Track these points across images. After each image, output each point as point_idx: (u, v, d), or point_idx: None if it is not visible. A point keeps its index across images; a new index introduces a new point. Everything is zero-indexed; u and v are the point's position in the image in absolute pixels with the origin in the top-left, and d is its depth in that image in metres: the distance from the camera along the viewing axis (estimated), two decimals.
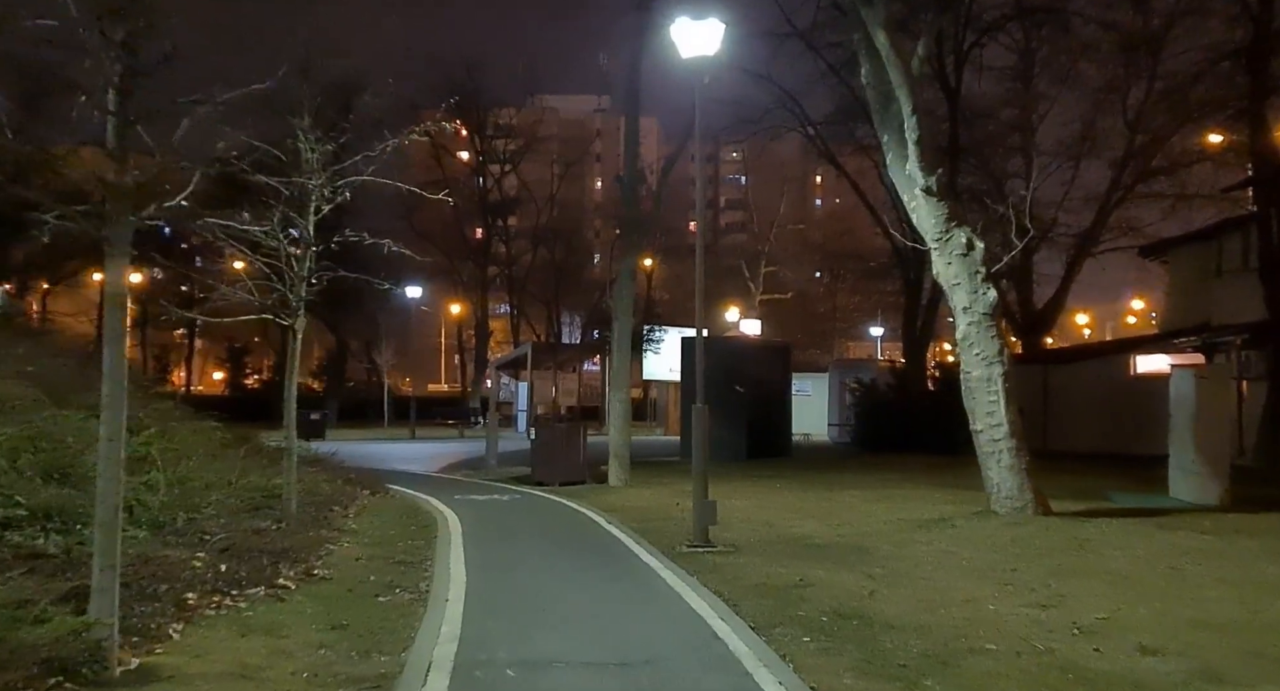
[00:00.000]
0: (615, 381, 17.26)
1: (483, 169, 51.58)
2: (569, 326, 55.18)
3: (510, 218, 54.73)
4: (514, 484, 17.30)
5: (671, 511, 13.57)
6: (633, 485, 16.77)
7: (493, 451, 19.96)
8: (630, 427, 17.27)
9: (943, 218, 11.83)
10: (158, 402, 14.58)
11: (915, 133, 11.32)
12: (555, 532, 11.54)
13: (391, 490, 15.56)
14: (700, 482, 10.67)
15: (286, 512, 9.57)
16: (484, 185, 50.98)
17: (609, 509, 13.68)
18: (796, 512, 13.42)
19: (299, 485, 11.89)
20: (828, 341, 55.89)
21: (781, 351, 25.88)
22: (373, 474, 17.94)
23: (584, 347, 46.79)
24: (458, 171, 51.52)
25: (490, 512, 13.27)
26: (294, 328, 9.47)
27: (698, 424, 10.87)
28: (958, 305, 12.03)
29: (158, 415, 13.49)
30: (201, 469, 10.85)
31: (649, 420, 44.61)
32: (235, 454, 11.58)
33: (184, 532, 7.79)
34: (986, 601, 7.72)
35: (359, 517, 11.97)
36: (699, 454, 10.78)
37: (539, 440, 17.00)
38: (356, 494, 14.04)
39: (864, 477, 18.48)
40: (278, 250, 9.12)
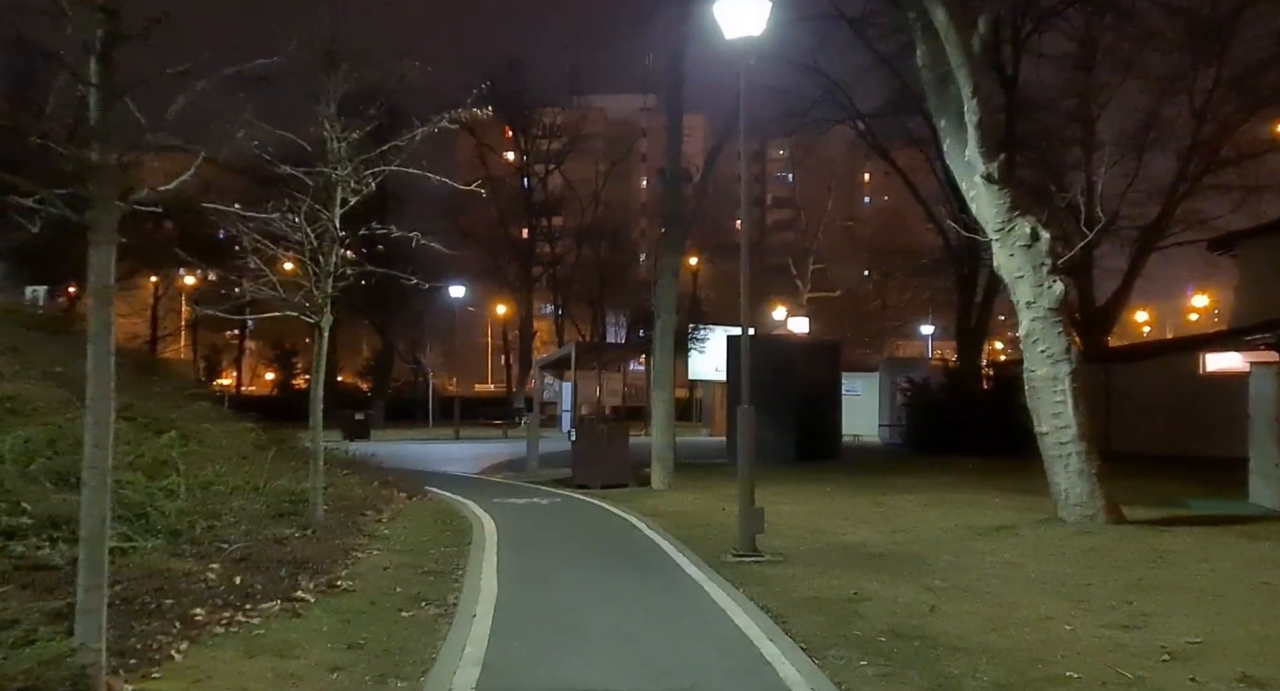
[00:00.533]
0: (658, 381, 16.71)
1: (527, 168, 51.35)
2: (614, 326, 54.77)
3: (555, 217, 54.47)
4: (555, 486, 16.83)
5: (716, 517, 13.00)
6: (676, 488, 16.22)
7: (533, 453, 19.52)
8: (674, 429, 16.72)
9: (1004, 207, 11.11)
10: (195, 403, 14.32)
11: (975, 115, 10.63)
12: (593, 539, 11.03)
13: (429, 493, 15.17)
14: (746, 488, 10.09)
15: (313, 519, 9.16)
16: (528, 185, 50.74)
17: (651, 514, 13.15)
18: (848, 518, 12.78)
19: (331, 489, 11.53)
20: (877, 340, 54.81)
21: (831, 350, 25.16)
22: (412, 476, 17.59)
23: (629, 347, 46.32)
24: (502, 171, 51.34)
25: (528, 517, 12.81)
26: (320, 326, 9.06)
27: (744, 426, 10.29)
28: (1021, 300, 11.30)
29: (193, 416, 13.25)
30: (230, 472, 10.51)
31: (694, 420, 43.99)
32: (268, 456, 11.21)
33: (201, 541, 7.40)
34: (1061, 620, 7.06)
35: (392, 523, 11.56)
36: (745, 457, 10.20)
37: (580, 442, 16.51)
38: (392, 497, 13.66)
39: (918, 481, 17.75)
40: (303, 245, 8.71)
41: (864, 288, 58.39)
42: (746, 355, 10.76)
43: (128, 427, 10.46)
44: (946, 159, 12.16)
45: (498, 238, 49.74)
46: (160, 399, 13.60)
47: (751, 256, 42.14)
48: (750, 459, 10.22)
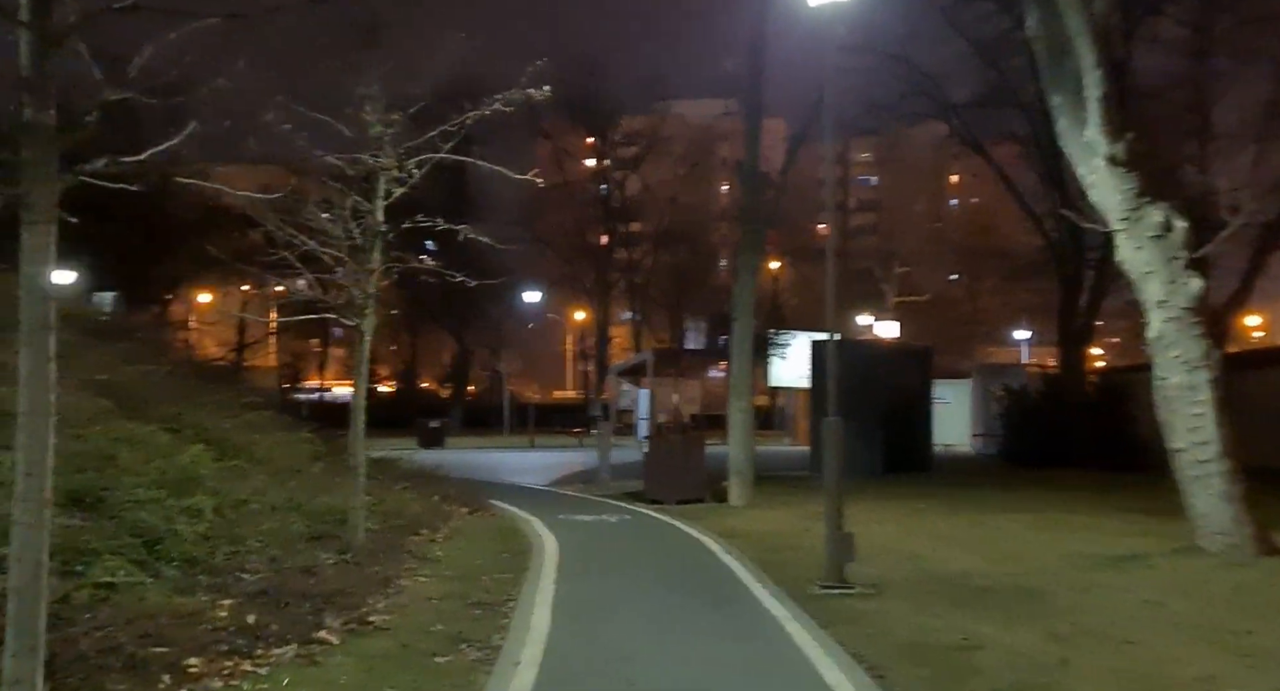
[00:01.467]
0: (735, 388, 15.61)
1: (604, 171, 50.69)
2: (693, 332, 53.70)
3: (633, 223, 53.68)
4: (626, 501, 15.86)
5: (800, 538, 11.86)
6: (756, 505, 15.10)
7: (604, 464, 18.59)
8: (753, 440, 15.60)
9: (1131, 192, 9.76)
10: (251, 413, 13.73)
11: (1099, 88, 9.33)
12: (663, 565, 10.00)
13: (493, 507, 14.33)
14: (834, 510, 8.97)
15: (353, 542, 8.33)
16: (606, 189, 50.05)
17: (728, 534, 12.07)
18: (947, 542, 11.52)
19: (383, 506, 10.75)
20: (966, 346, 52.50)
21: (921, 356, 23.72)
22: (477, 488, 16.82)
23: (708, 353, 45.15)
24: (579, 175, 50.78)
25: (594, 537, 11.84)
26: (360, 328, 8.24)
27: (830, 440, 9.17)
28: (1150, 298, 9.93)
29: (246, 427, 12.63)
30: (272, 488, 9.79)
31: (776, 428, 42.64)
32: (314, 470, 10.47)
33: (221, 570, 6.61)
34: (1225, 681, 5.80)
35: (447, 542, 10.71)
36: (832, 476, 9.08)
37: (652, 454, 15.51)
38: (452, 513, 12.85)
39: (1021, 497, 16.30)
40: (341, 240, 7.91)
41: (952, 292, 56.21)
42: (833, 362, 9.65)
43: (169, 440, 9.83)
44: (1060, 142, 10.82)
45: (575, 244, 49.17)
46: (214, 408, 13.03)
47: (837, 261, 40.65)
48: (838, 477, 9.10)
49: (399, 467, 16.83)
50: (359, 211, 8.11)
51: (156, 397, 11.65)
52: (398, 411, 41.83)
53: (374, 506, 10.49)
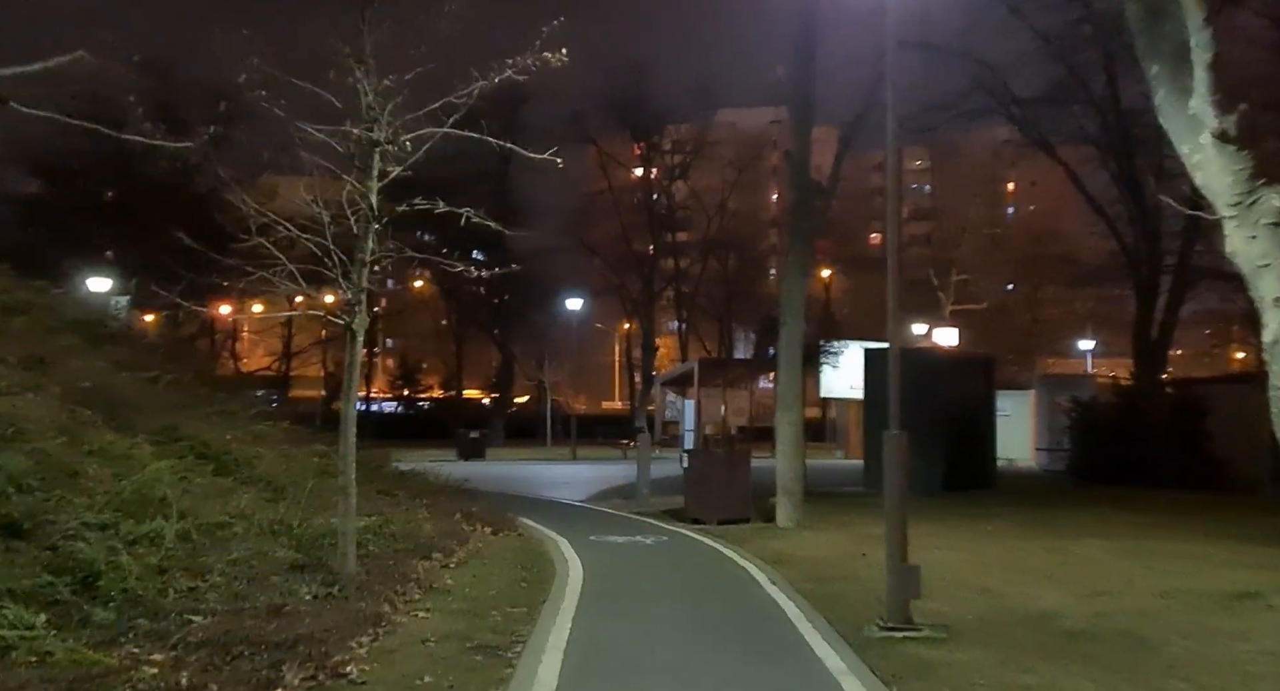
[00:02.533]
0: (783, 399, 14.39)
1: (654, 182, 49.67)
2: (742, 342, 52.43)
3: (680, 233, 52.59)
4: (665, 519, 14.71)
5: (855, 565, 10.63)
6: (806, 526, 13.85)
7: (644, 479, 17.44)
8: (803, 454, 14.35)
9: (1244, 174, 8.28)
10: (261, 424, 12.84)
11: (1206, 52, 7.89)
12: (700, 599, 8.82)
13: (520, 526, 13.26)
14: (897, 537, 7.75)
15: (342, 571, 7.28)
16: (653, 195, 49.01)
17: (775, 560, 10.86)
18: (1024, 572, 10.21)
19: (390, 527, 9.72)
20: (1026, 357, 50.50)
21: (983, 365, 22.26)
22: (507, 504, 15.81)
23: (756, 364, 43.75)
24: (625, 181, 49.85)
25: (625, 563, 10.71)
26: (352, 327, 7.22)
27: (892, 458, 7.96)
28: (1266, 296, 8.41)
29: (253, 438, 11.75)
30: (265, 507, 8.82)
31: (827, 440, 41.15)
32: (306, 488, 9.48)
33: (167, 612, 5.58)
34: None
35: (461, 568, 9.65)
36: (895, 497, 7.86)
37: (693, 469, 14.33)
38: (472, 533, 11.79)
39: (1100, 520, 14.86)
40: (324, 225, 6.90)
41: (1010, 301, 54.27)
42: (895, 371, 8.45)
43: (153, 454, 8.91)
44: (1160, 117, 9.41)
45: (621, 252, 48.22)
46: (220, 419, 12.17)
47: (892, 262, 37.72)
48: (901, 499, 7.87)
49: (426, 482, 15.90)
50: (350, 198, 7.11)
51: (154, 407, 10.80)
52: (441, 422, 41.16)
53: (380, 527, 9.49)
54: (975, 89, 24.33)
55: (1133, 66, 21.11)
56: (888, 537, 7.79)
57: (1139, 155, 23.73)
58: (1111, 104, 23.81)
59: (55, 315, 12.57)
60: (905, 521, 7.79)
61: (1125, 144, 23.53)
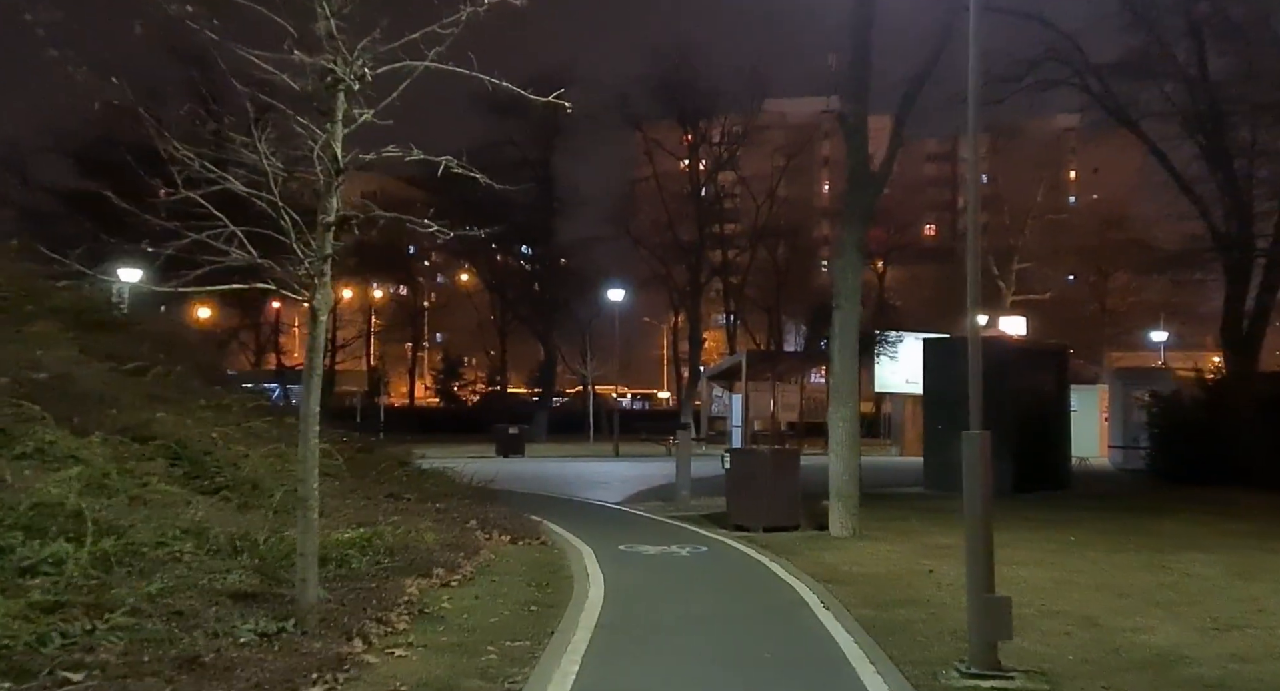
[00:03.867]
0: (837, 392, 12.86)
1: (698, 166, 48.15)
2: (792, 336, 50.79)
3: (729, 224, 51.02)
4: (705, 525, 13.29)
5: (921, 584, 9.15)
6: (863, 535, 12.34)
7: (684, 480, 16.02)
8: (859, 453, 12.82)
9: None
10: (259, 419, 11.69)
11: None
12: (739, 630, 7.40)
13: (544, 533, 11.94)
14: (981, 563, 6.27)
15: (300, 602, 5.98)
16: (698, 179, 47.46)
17: (829, 577, 9.41)
18: (1125, 596, 8.64)
19: (383, 540, 8.46)
20: (1092, 349, 48.12)
21: (1055, 356, 20.50)
22: (534, 506, 14.52)
23: (807, 356, 42.17)
24: (671, 168, 48.41)
25: (655, 579, 9.32)
26: (312, 305, 5.93)
27: (973, 462, 6.47)
28: None
29: (247, 435, 10.61)
30: (230, 518, 7.59)
31: (881, 436, 39.39)
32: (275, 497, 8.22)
33: (32, 669, 4.30)
34: None
35: (464, 587, 8.35)
36: (976, 512, 6.38)
37: (736, 470, 12.87)
38: (486, 542, 10.50)
39: (1201, 529, 13.19)
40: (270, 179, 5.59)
41: (1075, 291, 51.80)
42: (977, 361, 6.97)
43: (108, 455, 7.74)
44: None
45: (667, 241, 46.84)
46: (215, 415, 11.05)
47: (945, 263, 37.14)
48: (984, 516, 6.39)
49: (448, 482, 14.65)
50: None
51: (130, 401, 9.66)
52: (484, 417, 40.14)
53: (369, 540, 8.21)
54: (1047, 58, 22.42)
55: (1223, 33, 19.21)
56: (969, 562, 6.32)
57: (1229, 130, 21.78)
58: (1199, 74, 21.85)
59: (38, 302, 11.51)
60: (991, 542, 6.31)
61: (1214, 118, 21.54)
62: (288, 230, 5.68)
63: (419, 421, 47.64)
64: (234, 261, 5.81)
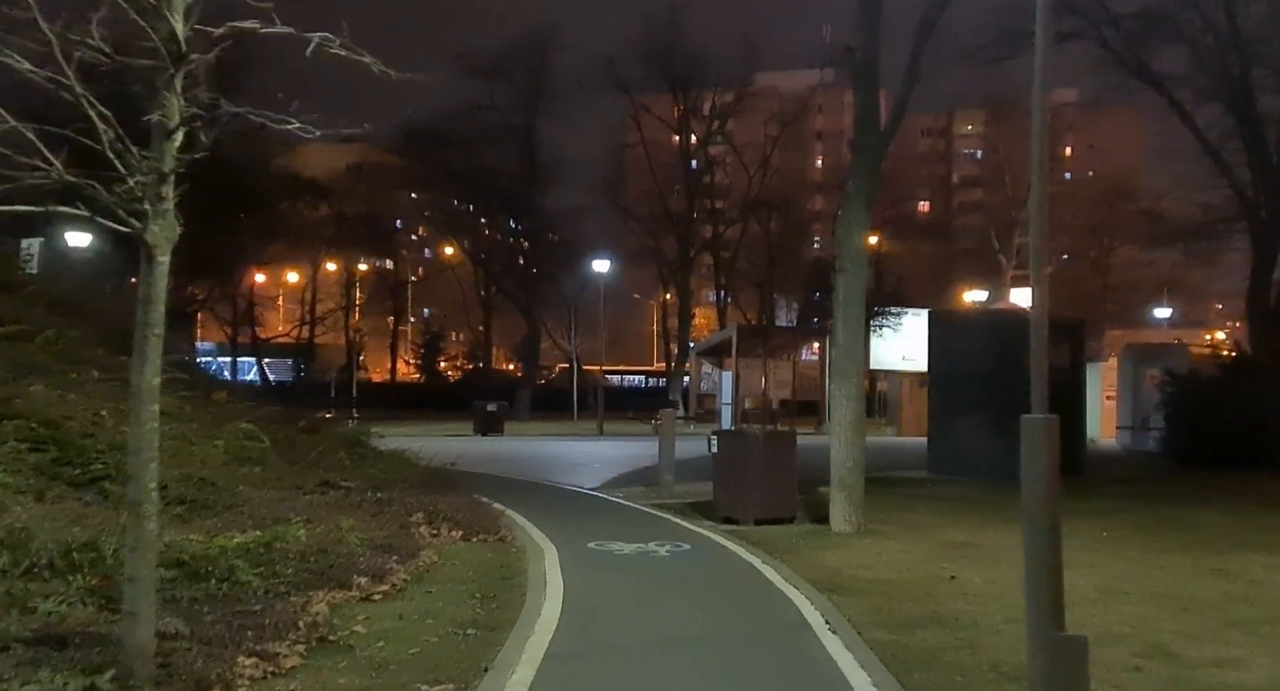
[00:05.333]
0: (839, 367, 11.32)
1: (689, 137, 46.38)
2: (784, 312, 49.29)
3: (719, 190, 49.32)
4: (690, 517, 11.81)
5: (943, 594, 7.67)
6: (868, 529, 10.85)
7: (668, 464, 14.51)
8: (863, 438, 11.30)
9: None
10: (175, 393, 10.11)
11: None
12: (725, 661, 5.90)
13: (505, 526, 10.42)
14: (1047, 590, 4.78)
15: (127, 642, 4.42)
16: (689, 151, 45.73)
17: (832, 584, 7.93)
18: (1189, 609, 7.19)
19: (299, 542, 6.94)
20: (1094, 326, 46.83)
21: (1071, 330, 19.00)
22: (501, 492, 13.03)
23: (800, 331, 40.67)
24: (660, 135, 46.66)
25: (625, 589, 7.80)
26: (147, 241, 4.37)
27: (1037, 455, 4.98)
28: None
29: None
30: (91, 519, 6.06)
31: (876, 415, 37.98)
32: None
33: None
34: None
35: (389, 601, 6.84)
36: (1041, 523, 4.89)
37: (724, 455, 11.35)
38: (433, 541, 9.00)
39: (1243, 521, 11.79)
40: None
41: (1075, 267, 50.36)
42: (1041, 341, 5.48)
43: None
44: None
45: (656, 213, 45.18)
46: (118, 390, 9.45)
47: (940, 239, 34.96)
48: (1051, 524, 4.90)
49: (405, 465, 13.10)
50: None
51: None
52: (467, 394, 38.56)
53: (267, 544, 6.68)
54: (1062, 9, 20.77)
55: None
56: (1031, 586, 4.83)
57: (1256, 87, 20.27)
58: (1226, 27, 20.27)
59: None
60: (1059, 562, 4.82)
61: (1243, 75, 20.00)
62: (101, 135, 4.09)
63: (399, 398, 46.10)
64: (41, 180, 4.23)
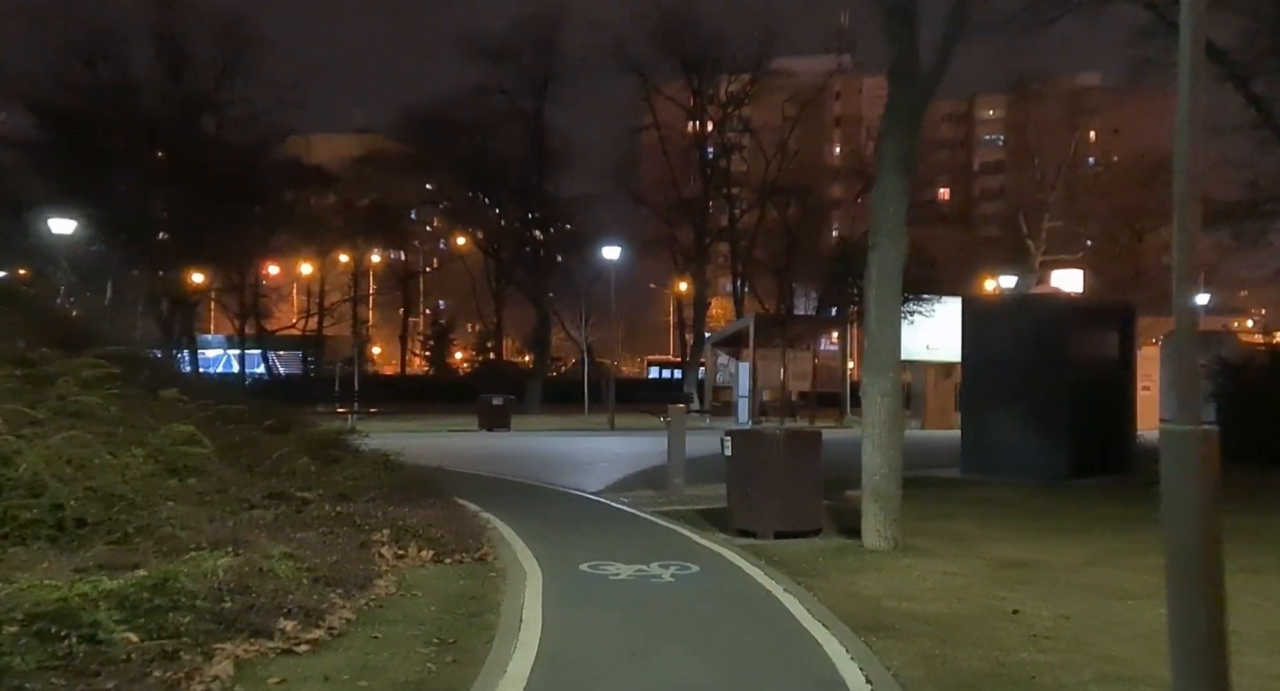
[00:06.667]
0: (872, 359, 9.83)
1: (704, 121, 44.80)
2: (802, 302, 47.79)
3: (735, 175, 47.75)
4: (701, 527, 10.39)
5: (1009, 637, 6.21)
6: (907, 546, 9.40)
7: (677, 465, 13.08)
8: (901, 439, 9.82)
9: None
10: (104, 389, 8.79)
11: None
12: None
13: (487, 541, 9.03)
14: (1207, 656, 3.32)
15: None
16: (705, 133, 44.19)
17: (871, 621, 6.49)
18: None
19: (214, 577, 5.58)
20: None
21: (1120, 315, 17.47)
22: (491, 497, 11.67)
23: (820, 321, 39.17)
24: (675, 120, 45.13)
25: (616, 630, 6.37)
26: None
27: (1187, 473, 3.54)
28: None
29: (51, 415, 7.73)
30: None
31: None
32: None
33: None
34: None
35: (321, 652, 5.45)
36: (1198, 563, 3.43)
37: (739, 458, 9.89)
38: (397, 565, 7.63)
39: None
40: None
41: (1104, 253, 48.56)
42: (1191, 341, 3.98)
43: None
44: None
45: (671, 200, 43.72)
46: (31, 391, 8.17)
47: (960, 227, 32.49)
48: (1212, 564, 3.44)
49: (380, 470, 11.71)
50: None
51: None
52: (477, 386, 37.24)
53: (158, 586, 5.30)
54: None
55: None
56: (1178, 664, 3.38)
57: None
58: None
59: None
60: (1224, 635, 3.37)
61: None
62: None
63: (407, 391, 44.89)
64: None
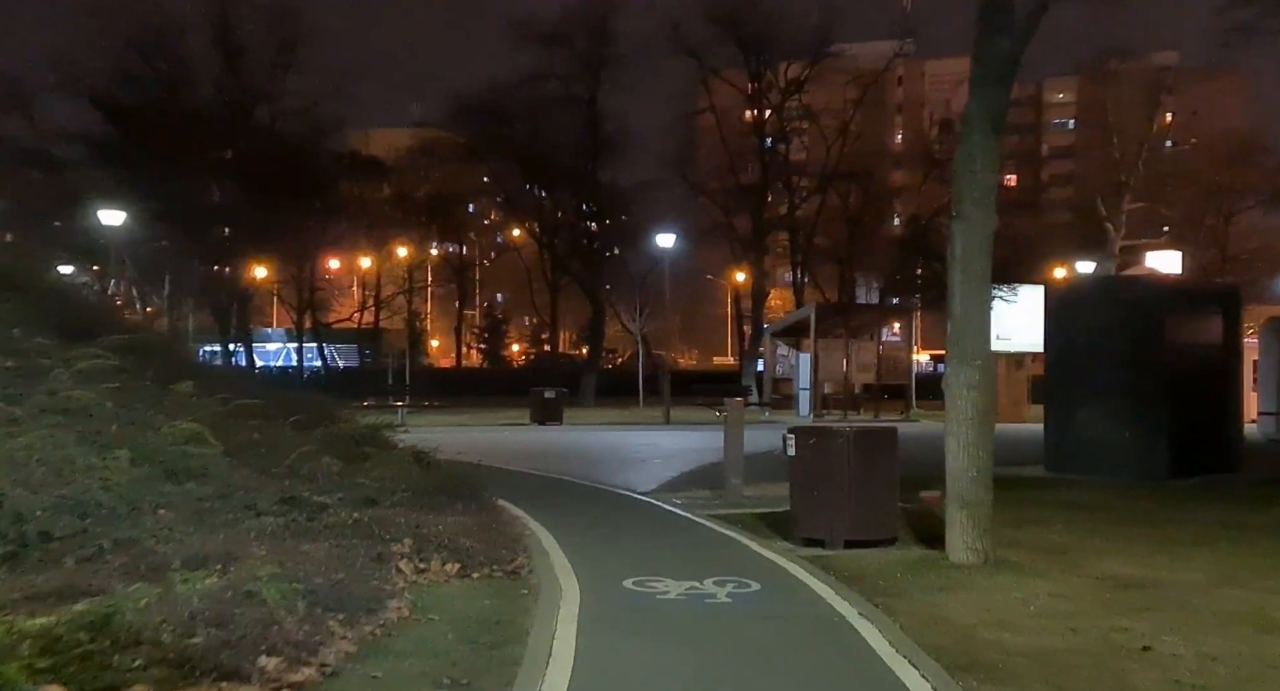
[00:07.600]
0: (957, 346, 8.60)
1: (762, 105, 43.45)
2: (864, 291, 46.29)
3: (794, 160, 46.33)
4: (761, 534, 9.34)
5: (1138, 678, 5.07)
6: (999, 560, 8.22)
7: (734, 463, 12.01)
8: (992, 438, 8.60)
9: None
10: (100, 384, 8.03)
11: None
12: None
13: (522, 551, 8.10)
14: None
15: None
16: (760, 114, 42.89)
17: (967, 658, 5.40)
18: None
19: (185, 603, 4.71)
20: None
21: (1226, 300, 15.96)
22: (533, 499, 10.75)
23: (884, 309, 37.68)
24: (734, 105, 43.87)
25: (659, 665, 5.35)
26: None
27: None
28: None
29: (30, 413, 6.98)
30: None
31: None
32: None
33: None
34: None
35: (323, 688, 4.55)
36: None
37: (802, 459, 8.78)
38: (405, 581, 6.73)
39: None
40: None
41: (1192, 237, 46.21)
42: None
43: None
44: None
45: (728, 187, 42.50)
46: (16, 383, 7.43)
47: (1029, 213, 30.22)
48: None
49: (412, 468, 10.83)
50: None
51: None
52: (532, 379, 36.59)
53: (102, 624, 4.42)
54: None
55: None
56: None
57: None
58: None
59: None
60: None
61: None
62: None
63: (462, 384, 44.52)
64: None
